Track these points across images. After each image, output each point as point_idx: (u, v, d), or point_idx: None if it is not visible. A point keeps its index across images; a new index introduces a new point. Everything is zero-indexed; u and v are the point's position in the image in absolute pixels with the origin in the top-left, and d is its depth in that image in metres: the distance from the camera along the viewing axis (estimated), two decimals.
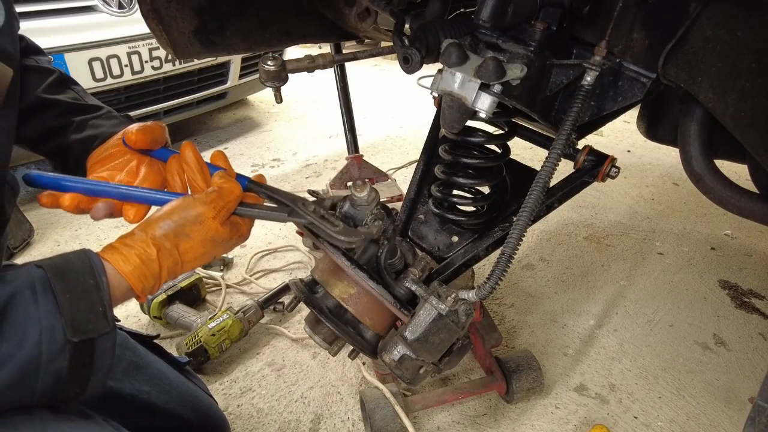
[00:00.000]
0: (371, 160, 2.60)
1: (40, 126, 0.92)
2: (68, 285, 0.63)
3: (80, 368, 0.64)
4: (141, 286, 0.71)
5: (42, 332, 0.60)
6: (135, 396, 1.03)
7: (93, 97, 1.00)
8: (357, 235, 0.87)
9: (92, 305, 0.64)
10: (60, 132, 0.92)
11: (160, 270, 0.72)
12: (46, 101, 0.93)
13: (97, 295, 0.65)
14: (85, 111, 0.95)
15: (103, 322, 0.65)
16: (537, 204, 0.89)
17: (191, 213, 0.76)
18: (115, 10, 2.62)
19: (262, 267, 2.23)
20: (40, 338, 0.60)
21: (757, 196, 1.01)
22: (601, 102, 1.05)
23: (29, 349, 0.59)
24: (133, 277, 0.70)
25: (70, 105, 0.95)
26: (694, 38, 0.87)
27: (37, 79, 0.94)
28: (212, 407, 1.21)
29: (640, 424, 1.54)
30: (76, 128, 0.92)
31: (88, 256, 0.68)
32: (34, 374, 0.60)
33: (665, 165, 3.26)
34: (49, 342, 0.60)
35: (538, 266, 2.26)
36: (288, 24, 1.62)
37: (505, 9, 0.94)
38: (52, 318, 0.61)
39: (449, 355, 0.95)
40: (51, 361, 0.61)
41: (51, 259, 0.66)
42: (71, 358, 0.62)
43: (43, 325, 0.60)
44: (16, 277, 0.62)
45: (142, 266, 0.70)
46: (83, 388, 0.65)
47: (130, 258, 0.70)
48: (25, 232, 2.34)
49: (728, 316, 1.99)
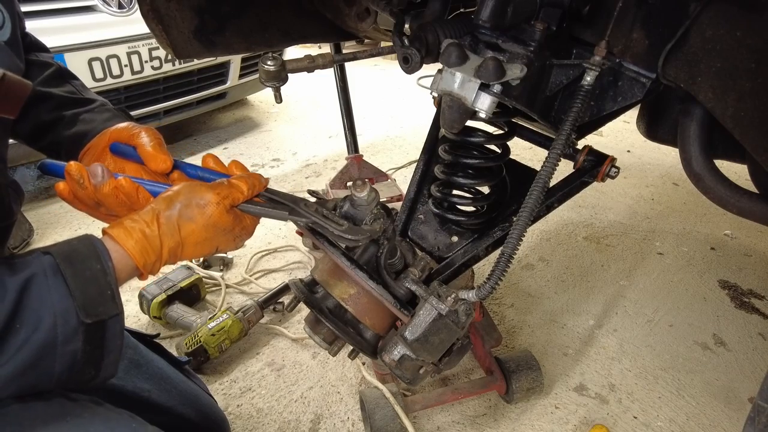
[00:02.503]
0: (371, 160, 2.60)
1: (34, 120, 0.92)
2: (77, 270, 0.65)
3: (94, 349, 0.66)
4: (143, 260, 0.72)
5: (56, 315, 0.62)
6: (136, 394, 1.04)
7: (91, 91, 0.99)
8: (362, 233, 0.88)
9: (101, 289, 0.66)
10: (52, 127, 0.92)
11: (161, 247, 0.73)
12: (40, 94, 0.92)
13: (105, 279, 0.67)
14: (77, 105, 0.94)
15: (111, 304, 0.67)
16: (537, 204, 0.89)
17: (196, 196, 0.78)
18: (115, 10, 2.62)
19: (261, 267, 2.23)
20: (55, 321, 0.62)
21: (757, 196, 1.01)
22: (601, 102, 1.05)
23: (45, 332, 0.61)
24: (136, 252, 0.71)
25: (63, 98, 0.94)
26: (694, 38, 0.87)
27: (34, 73, 0.93)
28: (212, 406, 1.21)
29: (640, 424, 1.54)
30: (67, 123, 0.92)
31: (92, 242, 0.70)
32: (51, 355, 0.62)
33: (665, 165, 3.26)
34: (63, 325, 0.63)
35: (538, 266, 2.26)
36: (288, 24, 1.62)
37: (505, 9, 0.94)
38: (65, 301, 0.63)
39: (449, 355, 0.95)
40: (66, 343, 0.63)
41: (57, 246, 0.68)
42: (85, 339, 0.64)
43: (57, 308, 0.62)
44: (27, 263, 0.64)
45: (144, 240, 0.72)
46: (97, 370, 0.68)
47: (133, 232, 0.72)
48: (25, 232, 2.34)
49: (728, 316, 1.99)
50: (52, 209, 2.63)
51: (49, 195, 2.74)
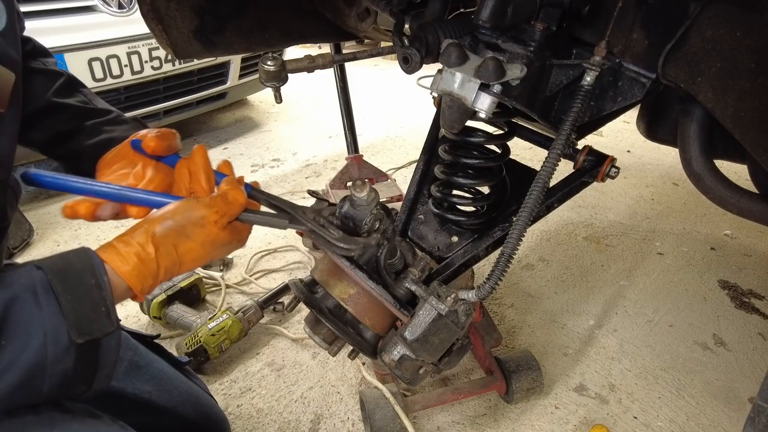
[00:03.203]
0: (371, 160, 2.60)
1: (51, 130, 0.93)
2: (69, 286, 0.63)
3: (86, 367, 0.64)
4: (140, 286, 0.70)
5: (47, 334, 0.60)
6: (137, 396, 1.04)
7: (101, 100, 1.01)
8: (355, 243, 0.88)
9: (95, 305, 0.64)
10: (71, 136, 0.93)
11: (158, 269, 0.71)
12: (56, 105, 0.93)
13: (99, 295, 0.65)
14: (95, 115, 0.96)
15: (106, 321, 0.65)
16: (537, 204, 0.89)
17: (194, 215, 0.75)
18: (115, 10, 2.62)
19: (261, 267, 2.23)
20: (45, 340, 0.60)
21: (757, 196, 1.01)
22: (600, 102, 1.05)
23: (34, 352, 0.59)
24: (132, 277, 0.69)
25: (81, 109, 0.95)
26: (693, 38, 0.87)
27: (45, 83, 0.94)
28: (213, 407, 1.21)
29: (640, 424, 1.54)
30: (89, 133, 0.93)
31: (88, 255, 0.67)
32: (41, 375, 0.60)
33: (665, 165, 3.26)
34: (54, 344, 0.60)
35: (538, 266, 2.26)
36: (288, 24, 1.62)
37: (505, 9, 0.94)
38: (55, 320, 0.61)
39: (449, 355, 0.95)
40: (57, 363, 0.61)
41: (51, 259, 0.65)
42: (76, 358, 0.62)
43: (47, 327, 0.60)
44: (15, 279, 0.61)
45: (140, 265, 0.69)
46: (89, 385, 0.66)
47: (128, 257, 0.69)
48: (24, 232, 2.34)
49: (728, 316, 1.99)
50: (52, 209, 2.64)
51: (49, 195, 2.74)
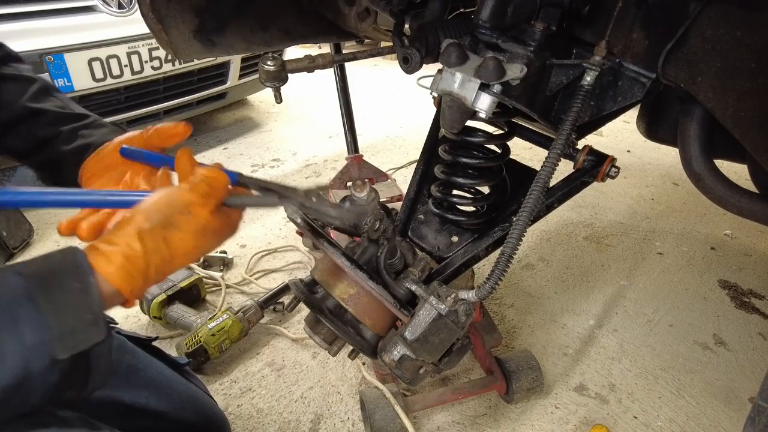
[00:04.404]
0: (371, 160, 2.60)
1: (29, 137, 0.91)
2: (51, 294, 0.58)
3: (75, 375, 0.60)
4: (129, 287, 0.63)
5: (28, 350, 0.55)
6: (135, 401, 1.03)
7: (77, 105, 0.99)
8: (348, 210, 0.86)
9: (79, 315, 0.58)
10: (49, 142, 0.91)
11: (147, 267, 0.64)
12: (32, 110, 0.91)
13: (84, 301, 0.59)
14: (72, 120, 0.93)
15: (93, 330, 0.59)
16: (537, 204, 0.89)
17: (178, 202, 0.69)
18: (115, 10, 2.62)
19: (261, 267, 2.23)
20: (27, 356, 0.55)
21: (757, 196, 1.01)
22: (600, 102, 1.05)
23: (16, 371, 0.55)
24: (118, 278, 0.62)
25: (57, 114, 0.93)
26: (693, 38, 0.87)
27: (19, 88, 0.92)
28: (212, 408, 1.21)
29: (640, 424, 1.54)
30: (65, 138, 0.90)
31: (74, 256, 0.61)
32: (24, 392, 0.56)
33: (665, 165, 3.26)
34: (38, 359, 0.56)
35: (538, 266, 2.26)
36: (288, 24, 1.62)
37: (505, 9, 0.94)
38: (37, 335, 0.56)
39: (449, 355, 0.95)
40: (43, 377, 0.57)
41: (35, 262, 0.61)
42: (63, 371, 0.58)
43: (27, 343, 0.55)
44: None
45: (127, 264, 0.63)
46: (83, 389, 0.63)
47: (113, 257, 0.62)
48: (24, 232, 2.34)
49: (728, 316, 1.99)
50: (51, 209, 2.64)
51: None
